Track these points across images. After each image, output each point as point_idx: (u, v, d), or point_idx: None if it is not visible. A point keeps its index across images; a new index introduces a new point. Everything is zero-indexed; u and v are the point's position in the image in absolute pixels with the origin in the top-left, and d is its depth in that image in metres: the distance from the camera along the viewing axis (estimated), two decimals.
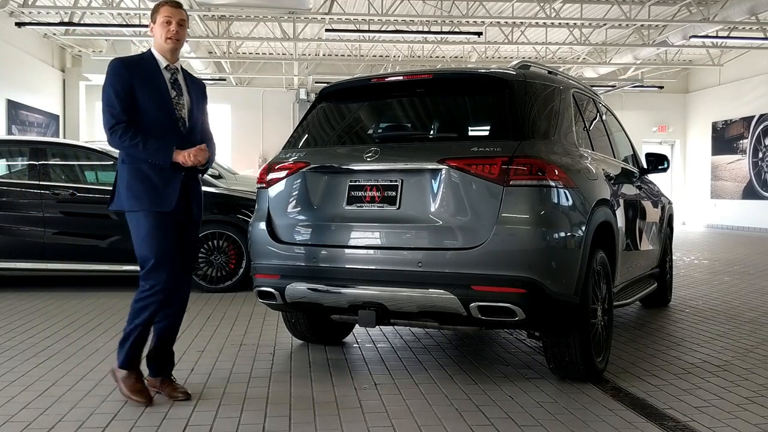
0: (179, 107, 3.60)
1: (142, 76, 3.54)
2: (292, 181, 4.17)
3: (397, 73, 4.38)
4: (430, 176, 3.79)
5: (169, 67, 3.63)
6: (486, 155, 3.68)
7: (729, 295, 7.22)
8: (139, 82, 3.51)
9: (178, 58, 3.70)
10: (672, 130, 23.36)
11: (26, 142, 8.20)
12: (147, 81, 3.54)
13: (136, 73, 3.53)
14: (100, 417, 3.32)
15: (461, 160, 3.70)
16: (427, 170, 3.80)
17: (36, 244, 7.23)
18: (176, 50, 3.65)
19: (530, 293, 3.54)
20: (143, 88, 3.52)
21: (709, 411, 3.47)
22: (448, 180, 3.73)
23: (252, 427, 3.20)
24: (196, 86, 3.76)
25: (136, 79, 3.51)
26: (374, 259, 3.85)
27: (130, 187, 3.51)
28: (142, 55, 3.67)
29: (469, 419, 3.32)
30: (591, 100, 5.06)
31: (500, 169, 3.63)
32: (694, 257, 11.51)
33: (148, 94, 3.52)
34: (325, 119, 4.57)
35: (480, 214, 3.64)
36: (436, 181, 3.77)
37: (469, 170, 3.68)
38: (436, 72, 4.38)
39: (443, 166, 3.73)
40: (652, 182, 6.24)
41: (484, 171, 3.65)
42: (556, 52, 20.50)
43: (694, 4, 14.94)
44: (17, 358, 4.42)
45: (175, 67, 3.66)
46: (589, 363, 3.85)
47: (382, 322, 3.86)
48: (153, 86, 3.54)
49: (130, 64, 3.59)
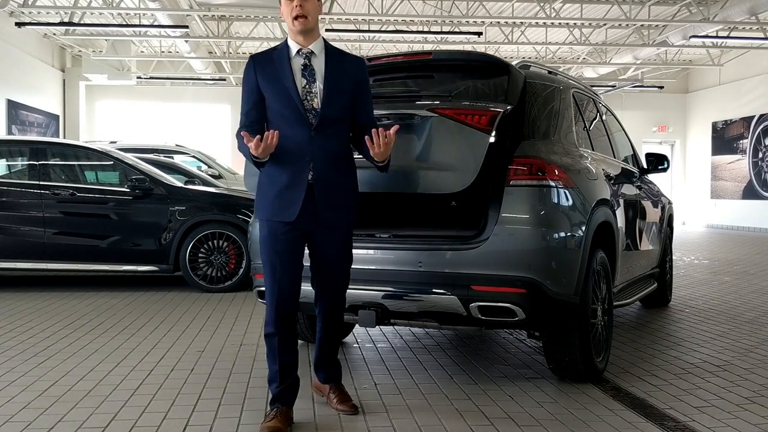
0: (310, 96, 3.16)
1: (269, 70, 3.19)
2: None
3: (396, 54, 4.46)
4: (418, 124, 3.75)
5: (302, 52, 3.20)
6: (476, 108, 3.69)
7: (729, 295, 7.22)
8: (264, 79, 3.19)
9: (316, 38, 3.22)
10: (672, 130, 23.35)
11: (26, 142, 8.20)
12: (273, 75, 3.18)
13: (264, 68, 3.20)
14: (100, 417, 3.32)
15: (451, 110, 3.69)
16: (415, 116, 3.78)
17: (36, 244, 7.23)
18: (307, 31, 3.17)
19: (530, 293, 3.54)
20: (269, 83, 3.18)
21: (709, 411, 3.47)
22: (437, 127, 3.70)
23: (252, 427, 3.20)
24: (344, 68, 3.25)
25: (262, 75, 3.19)
26: (375, 259, 3.86)
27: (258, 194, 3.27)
28: (276, 47, 3.29)
29: (469, 419, 3.32)
30: (591, 100, 5.06)
31: (488, 120, 3.58)
32: (694, 257, 11.51)
33: (273, 89, 3.18)
34: None
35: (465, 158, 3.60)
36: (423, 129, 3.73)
37: (458, 119, 3.64)
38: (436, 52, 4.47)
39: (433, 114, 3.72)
40: (652, 182, 6.24)
41: (473, 120, 3.62)
42: (556, 52, 20.50)
43: (694, 4, 14.94)
44: (17, 358, 4.42)
45: (310, 50, 3.20)
46: (589, 363, 3.85)
47: (382, 322, 3.86)
48: (278, 79, 3.17)
49: (260, 59, 3.24)
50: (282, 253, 3.19)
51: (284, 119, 3.16)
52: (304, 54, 3.20)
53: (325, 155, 3.17)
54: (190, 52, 18.04)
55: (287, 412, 3.22)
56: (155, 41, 19.55)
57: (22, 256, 7.24)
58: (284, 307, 3.24)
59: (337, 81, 3.20)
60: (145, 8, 14.52)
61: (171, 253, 7.26)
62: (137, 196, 7.36)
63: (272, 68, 3.20)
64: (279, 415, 3.16)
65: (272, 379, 3.27)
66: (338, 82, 3.20)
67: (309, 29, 3.18)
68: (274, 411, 3.19)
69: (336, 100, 3.19)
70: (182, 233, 7.28)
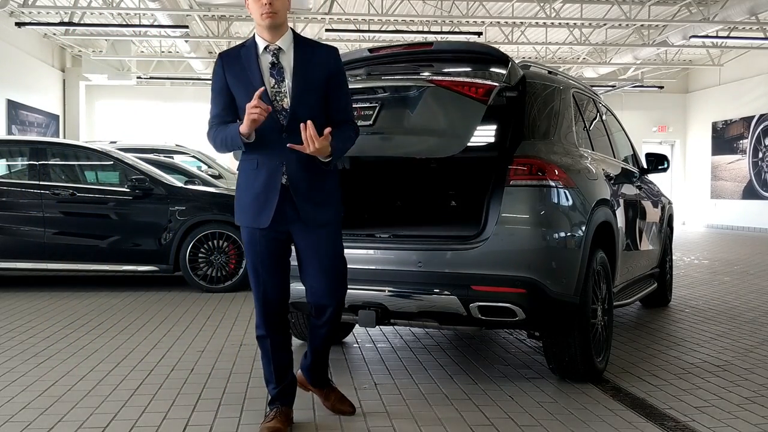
0: (279, 96, 3.02)
1: (237, 68, 3.06)
2: None
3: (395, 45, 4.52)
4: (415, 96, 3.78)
5: (269, 48, 3.05)
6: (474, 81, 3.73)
7: (729, 295, 7.22)
8: (233, 78, 3.07)
9: (284, 33, 3.06)
10: (672, 130, 23.35)
11: (26, 142, 8.20)
12: (240, 73, 3.05)
13: (232, 66, 3.07)
14: (100, 417, 3.32)
15: (449, 81, 3.72)
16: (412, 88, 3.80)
17: (36, 244, 7.23)
18: (276, 26, 3.02)
19: (530, 293, 3.54)
20: (238, 83, 3.05)
21: (709, 411, 3.47)
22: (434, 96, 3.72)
23: (252, 427, 3.20)
24: (315, 61, 3.08)
25: (230, 74, 3.07)
26: (375, 259, 3.86)
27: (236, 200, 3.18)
28: (244, 43, 3.14)
29: (469, 419, 3.32)
30: (591, 100, 5.06)
31: (485, 91, 3.62)
32: (694, 257, 11.50)
33: (241, 87, 3.04)
34: None
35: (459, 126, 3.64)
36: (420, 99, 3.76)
37: (455, 89, 3.66)
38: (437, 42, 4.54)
39: (430, 84, 3.73)
40: (652, 182, 6.24)
41: (469, 91, 3.64)
42: (556, 52, 20.50)
43: (694, 4, 14.94)
44: (17, 358, 4.42)
45: (278, 46, 3.05)
46: (589, 363, 3.85)
47: (382, 322, 3.86)
48: (246, 79, 3.03)
49: (227, 58, 3.11)
50: (263, 256, 3.13)
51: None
52: (271, 51, 3.04)
53: (298, 156, 3.01)
54: (190, 52, 18.04)
55: (287, 412, 3.21)
56: (155, 41, 19.55)
57: (22, 256, 7.24)
58: (271, 310, 3.19)
59: (306, 78, 3.05)
60: (145, 8, 14.52)
61: (171, 253, 7.26)
62: (137, 196, 7.36)
63: (240, 67, 3.06)
64: (279, 415, 3.15)
65: (268, 380, 3.26)
66: (308, 78, 3.05)
67: (278, 25, 3.02)
68: (273, 411, 3.18)
69: (306, 98, 3.04)
70: (182, 233, 7.28)
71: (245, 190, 3.13)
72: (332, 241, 3.22)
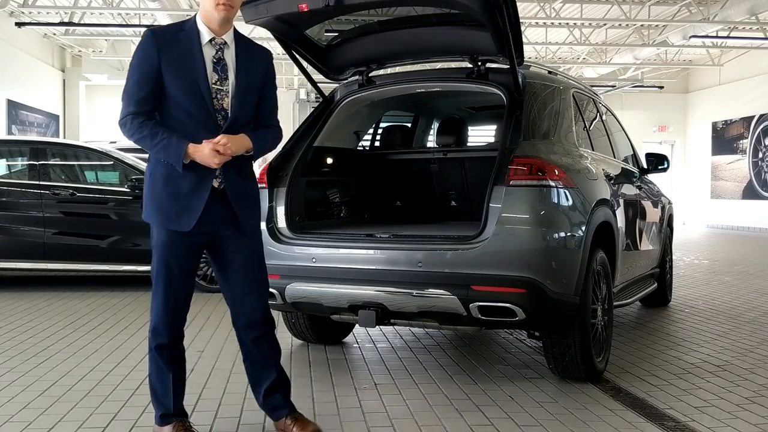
0: (220, 95, 2.83)
1: (175, 54, 2.79)
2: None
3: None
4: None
5: (215, 41, 2.84)
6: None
7: (729, 295, 7.22)
8: (168, 63, 2.77)
9: (230, 27, 2.90)
10: (672, 130, 23.35)
11: (26, 142, 8.20)
12: (180, 61, 2.79)
13: (169, 50, 2.79)
14: (100, 417, 3.32)
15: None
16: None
17: (36, 244, 7.23)
18: (228, 20, 2.84)
19: (530, 293, 3.53)
20: (175, 72, 2.78)
21: (709, 411, 3.47)
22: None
23: (252, 427, 3.20)
24: (254, 61, 2.94)
25: (166, 58, 2.77)
26: (375, 259, 3.86)
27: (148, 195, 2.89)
28: (182, 25, 2.87)
29: (469, 419, 3.32)
30: (591, 100, 5.06)
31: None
32: (694, 257, 11.51)
33: (179, 78, 2.78)
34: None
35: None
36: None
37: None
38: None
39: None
40: (652, 182, 6.24)
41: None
42: (556, 52, 20.50)
43: (694, 4, 14.94)
44: (17, 358, 4.42)
45: (223, 40, 2.86)
46: (589, 363, 3.85)
47: (382, 323, 3.86)
48: (186, 68, 2.78)
49: (163, 37, 2.81)
50: (181, 259, 2.88)
51: (189, 116, 2.81)
52: (217, 45, 2.85)
53: (235, 160, 2.84)
54: None
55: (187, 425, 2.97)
56: None
57: (22, 256, 7.24)
58: (178, 314, 2.94)
59: (248, 77, 2.89)
60: (145, 8, 14.52)
61: None
62: (137, 196, 7.35)
63: (179, 53, 2.79)
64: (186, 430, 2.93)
65: (162, 395, 2.93)
66: (250, 78, 2.90)
67: (230, 18, 2.85)
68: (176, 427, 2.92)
69: (248, 99, 2.90)
70: None
71: (163, 188, 2.83)
72: (261, 248, 3.06)
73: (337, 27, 4.71)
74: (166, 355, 2.94)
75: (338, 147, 4.92)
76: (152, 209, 2.87)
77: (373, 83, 4.64)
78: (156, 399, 2.98)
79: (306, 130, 4.57)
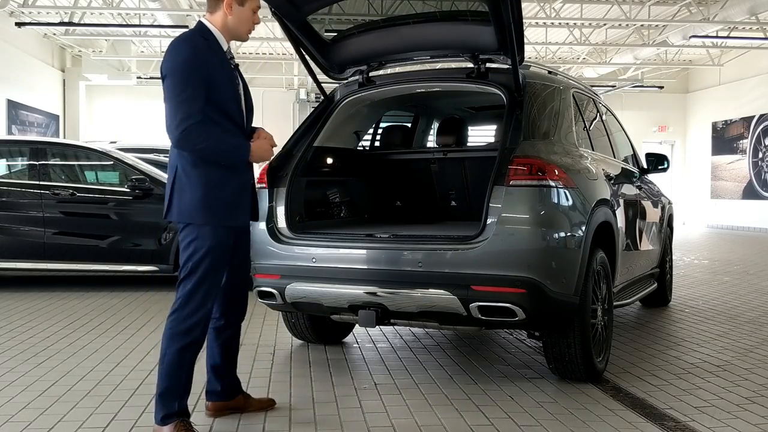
0: (240, 99, 3.11)
1: (215, 62, 2.98)
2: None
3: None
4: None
5: (229, 52, 3.11)
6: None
7: (729, 295, 7.22)
8: (213, 70, 2.95)
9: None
10: (672, 130, 23.35)
11: (26, 142, 8.20)
12: (220, 68, 2.98)
13: (209, 57, 2.96)
14: (100, 417, 3.32)
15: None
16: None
17: (36, 244, 7.22)
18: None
19: (530, 293, 3.53)
20: (218, 77, 2.96)
21: (709, 411, 3.47)
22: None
23: (252, 427, 3.20)
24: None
25: (210, 64, 2.94)
26: (375, 259, 3.86)
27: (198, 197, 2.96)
28: (203, 35, 3.03)
29: (469, 419, 3.32)
30: (591, 100, 5.06)
31: None
32: (694, 257, 11.51)
33: (223, 84, 2.98)
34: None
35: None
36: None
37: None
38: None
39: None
40: (652, 182, 6.24)
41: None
42: (556, 52, 20.50)
43: (694, 4, 14.94)
44: (17, 358, 4.42)
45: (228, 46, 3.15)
46: (589, 363, 3.85)
47: (382, 323, 3.86)
48: (225, 76, 3.00)
49: (204, 47, 2.97)
50: (227, 253, 3.06)
51: (229, 120, 3.02)
52: (229, 52, 3.12)
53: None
54: None
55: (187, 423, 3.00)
56: (155, 41, 19.54)
57: (22, 256, 7.24)
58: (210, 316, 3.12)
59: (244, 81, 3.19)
60: (145, 8, 14.53)
61: (171, 253, 7.25)
62: (137, 196, 7.36)
63: (217, 61, 2.99)
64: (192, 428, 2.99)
65: (183, 392, 3.00)
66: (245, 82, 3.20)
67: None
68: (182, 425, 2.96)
69: (251, 104, 3.22)
70: None
71: (220, 188, 2.97)
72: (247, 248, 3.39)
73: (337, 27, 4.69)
74: (195, 353, 3.03)
75: (338, 147, 4.92)
76: (203, 209, 2.95)
77: (373, 83, 4.63)
78: (164, 400, 2.98)
79: (306, 130, 4.57)
